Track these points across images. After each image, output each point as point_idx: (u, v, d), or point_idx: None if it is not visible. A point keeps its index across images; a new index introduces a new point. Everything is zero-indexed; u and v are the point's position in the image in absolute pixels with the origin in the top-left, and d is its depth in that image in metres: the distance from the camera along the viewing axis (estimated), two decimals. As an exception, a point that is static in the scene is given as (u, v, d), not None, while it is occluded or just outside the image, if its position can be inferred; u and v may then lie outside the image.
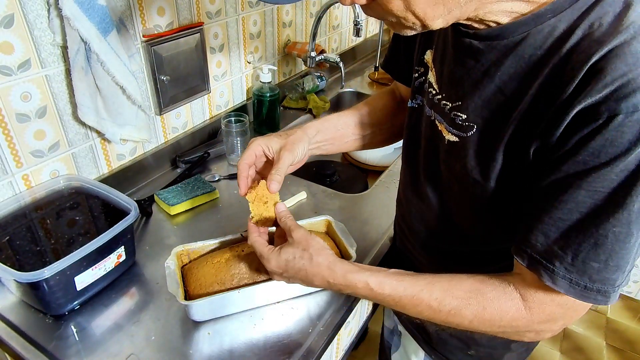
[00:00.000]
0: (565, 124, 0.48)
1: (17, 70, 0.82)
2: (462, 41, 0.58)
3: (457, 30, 0.58)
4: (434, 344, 0.85)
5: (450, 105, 0.62)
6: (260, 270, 0.80)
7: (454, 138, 0.62)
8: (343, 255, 0.84)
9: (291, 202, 1.09)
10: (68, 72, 0.89)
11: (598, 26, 0.47)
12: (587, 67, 0.46)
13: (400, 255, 0.90)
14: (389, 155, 1.52)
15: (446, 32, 0.63)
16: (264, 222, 0.72)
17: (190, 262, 0.84)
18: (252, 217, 0.71)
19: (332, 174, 1.34)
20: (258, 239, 0.69)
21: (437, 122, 0.65)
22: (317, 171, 1.36)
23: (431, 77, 0.67)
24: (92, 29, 0.83)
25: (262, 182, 0.71)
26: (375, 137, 0.87)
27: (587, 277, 0.50)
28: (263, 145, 0.74)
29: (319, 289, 0.70)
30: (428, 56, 0.69)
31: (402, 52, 0.79)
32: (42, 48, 0.85)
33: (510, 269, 0.59)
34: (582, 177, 0.48)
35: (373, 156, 1.52)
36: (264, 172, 0.77)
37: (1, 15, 0.77)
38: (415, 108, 0.73)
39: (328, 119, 0.84)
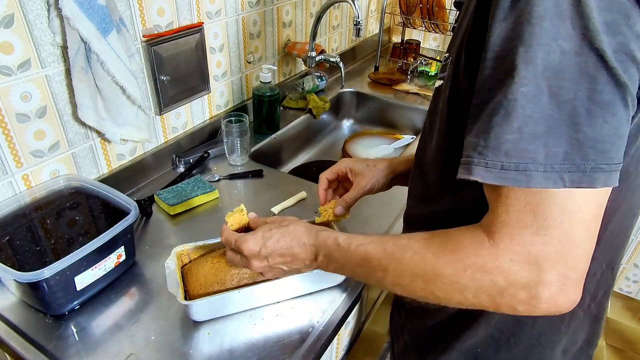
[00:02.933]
0: (476, 15, 0.47)
1: (17, 70, 0.82)
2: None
3: None
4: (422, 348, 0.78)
5: (446, 55, 0.61)
6: None
7: (439, 82, 0.61)
8: None
9: (291, 202, 1.09)
10: (68, 72, 0.89)
11: None
12: None
13: None
14: (389, 155, 1.52)
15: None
16: (239, 228, 0.75)
17: (190, 262, 0.84)
18: (230, 226, 0.74)
19: (332, 174, 1.34)
20: (230, 231, 0.70)
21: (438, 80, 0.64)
22: (317, 171, 1.36)
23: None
24: (92, 29, 0.83)
25: (242, 205, 0.76)
26: None
27: (503, 154, 0.43)
28: (348, 167, 0.82)
29: (301, 266, 0.66)
30: None
31: None
32: (42, 48, 0.85)
33: None
34: (486, 49, 0.44)
35: (373, 156, 1.52)
36: (342, 188, 0.86)
37: (1, 15, 0.77)
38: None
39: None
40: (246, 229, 0.74)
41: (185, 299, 0.75)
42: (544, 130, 0.41)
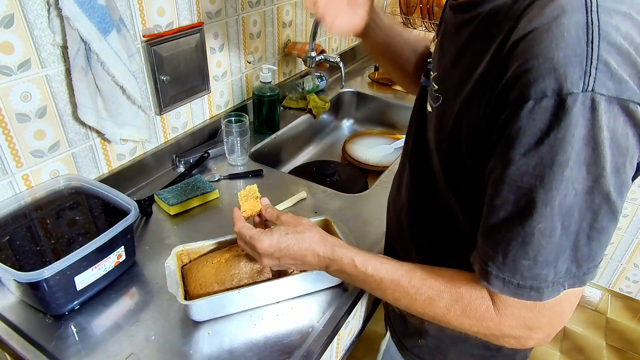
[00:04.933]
0: (490, 110, 0.47)
1: (17, 70, 0.82)
2: (447, 17, 0.61)
3: (449, 3, 0.61)
4: (396, 323, 0.85)
5: (433, 75, 0.63)
6: (260, 270, 0.80)
7: (431, 109, 0.63)
8: None
9: (291, 202, 1.09)
10: (68, 72, 0.89)
11: (537, 3, 0.45)
12: (508, 47, 0.45)
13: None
14: (389, 155, 1.52)
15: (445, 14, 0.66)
16: (251, 215, 0.77)
17: (190, 262, 0.84)
18: (243, 212, 0.75)
19: (332, 174, 1.34)
20: (245, 224, 0.71)
21: (428, 88, 0.67)
22: (317, 171, 1.36)
23: (432, 55, 0.70)
24: (92, 29, 0.83)
25: (254, 186, 0.78)
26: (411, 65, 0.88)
27: (519, 275, 0.49)
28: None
29: (309, 269, 0.71)
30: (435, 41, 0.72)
31: None
32: (42, 48, 0.85)
33: None
34: (503, 171, 0.46)
35: (373, 156, 1.52)
36: None
37: (1, 15, 0.77)
38: (423, 86, 0.73)
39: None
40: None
41: (185, 299, 0.75)
42: (554, 257, 0.48)
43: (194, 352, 0.74)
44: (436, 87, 0.60)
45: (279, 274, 0.84)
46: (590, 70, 0.41)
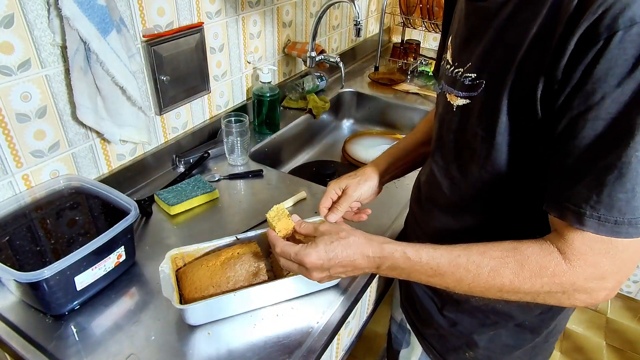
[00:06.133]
0: (567, 56, 0.47)
1: (17, 70, 0.82)
2: (469, 6, 0.61)
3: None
4: (433, 341, 0.84)
5: (462, 70, 0.63)
6: (256, 272, 0.79)
7: (464, 101, 0.62)
8: None
9: (291, 202, 1.09)
10: (68, 72, 0.89)
11: None
12: None
13: None
14: (389, 155, 1.52)
15: (461, 8, 0.66)
16: (287, 234, 0.74)
17: (185, 265, 0.83)
18: (279, 232, 0.72)
19: (332, 174, 1.34)
20: (286, 242, 0.68)
21: (447, 93, 0.67)
22: (317, 171, 1.36)
23: (448, 54, 0.70)
24: (92, 29, 0.83)
25: (280, 204, 0.75)
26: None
27: (617, 211, 0.48)
28: (336, 188, 0.84)
29: (360, 274, 0.71)
30: (450, 41, 0.71)
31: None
32: (42, 48, 0.85)
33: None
34: (595, 108, 0.46)
35: (373, 156, 1.51)
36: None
37: (1, 15, 0.77)
38: (440, 93, 0.73)
39: (395, 146, 0.94)
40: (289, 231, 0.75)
41: (181, 303, 0.75)
42: None
43: (193, 352, 0.73)
44: (472, 75, 0.60)
45: (275, 276, 0.84)
46: None
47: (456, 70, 0.65)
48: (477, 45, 0.60)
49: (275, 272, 0.85)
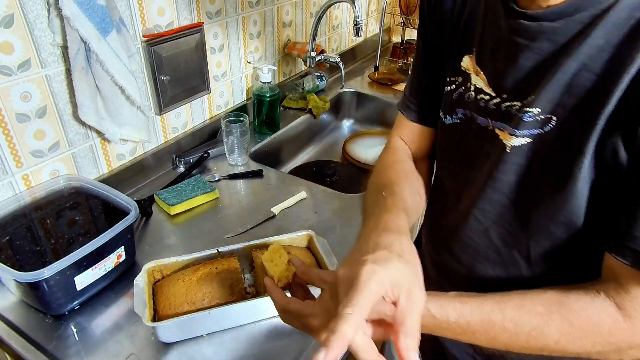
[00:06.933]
0: None
1: (17, 70, 0.82)
2: (525, 26, 0.51)
3: (514, 15, 0.52)
4: None
5: (518, 104, 0.53)
6: (233, 289, 0.76)
7: (523, 141, 0.53)
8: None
9: (291, 202, 1.09)
10: (68, 72, 0.89)
11: None
12: None
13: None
14: (389, 155, 1.52)
15: (495, 26, 0.56)
16: (287, 283, 0.60)
17: (163, 278, 0.81)
18: (278, 281, 0.59)
19: (332, 174, 1.34)
20: (288, 299, 0.55)
21: (496, 130, 0.56)
22: (317, 171, 1.36)
23: (478, 82, 0.59)
24: (92, 29, 0.83)
25: (276, 242, 0.63)
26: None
27: None
28: (388, 285, 0.45)
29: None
30: (467, 62, 0.61)
31: (427, 86, 0.71)
32: (42, 48, 0.85)
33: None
34: None
35: (373, 156, 1.52)
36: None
37: (1, 15, 0.77)
38: (457, 124, 0.63)
39: (389, 221, 0.57)
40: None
41: (155, 319, 0.72)
42: None
43: (194, 352, 0.73)
44: (536, 111, 0.51)
45: (257, 292, 0.81)
46: None
47: (506, 104, 0.55)
48: (548, 76, 0.50)
49: (258, 288, 0.82)
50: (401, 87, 1.78)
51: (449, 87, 0.64)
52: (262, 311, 0.78)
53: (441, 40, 0.66)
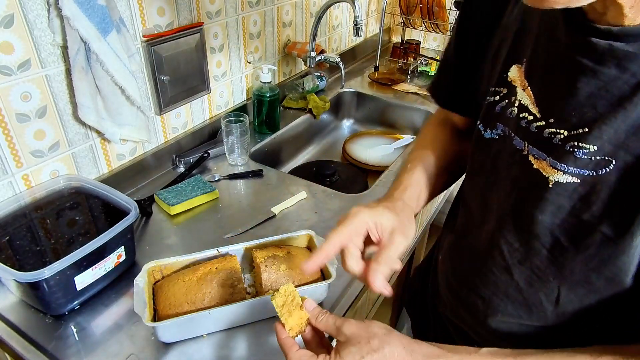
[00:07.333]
0: None
1: (17, 70, 0.82)
2: (592, 44, 0.43)
3: (580, 30, 0.45)
4: None
5: (565, 134, 0.47)
6: (233, 289, 0.76)
7: (568, 179, 0.47)
8: (323, 273, 0.82)
9: (291, 202, 1.09)
10: (68, 72, 0.89)
11: None
12: None
13: (444, 324, 0.73)
14: (389, 155, 1.52)
15: (551, 39, 0.49)
16: (300, 331, 0.56)
17: (163, 278, 0.80)
18: (290, 330, 0.54)
19: (332, 174, 1.34)
20: (301, 351, 0.51)
21: (533, 157, 0.51)
22: (317, 171, 1.36)
23: (524, 98, 0.52)
24: (92, 29, 0.83)
25: (289, 285, 0.57)
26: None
27: None
28: (371, 222, 0.55)
29: None
30: (514, 73, 0.54)
31: (459, 75, 0.66)
32: (42, 48, 0.85)
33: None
34: None
35: (373, 156, 1.52)
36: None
37: (1, 15, 0.77)
38: (495, 140, 0.57)
39: (404, 181, 0.65)
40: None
41: (155, 319, 0.72)
42: None
43: (194, 352, 0.73)
44: (592, 148, 0.45)
45: (257, 293, 0.81)
46: None
47: (550, 129, 0.49)
48: (613, 110, 0.43)
49: (257, 288, 0.82)
50: (401, 87, 1.79)
51: (492, 98, 0.58)
52: (262, 311, 0.78)
53: (483, 37, 0.60)
